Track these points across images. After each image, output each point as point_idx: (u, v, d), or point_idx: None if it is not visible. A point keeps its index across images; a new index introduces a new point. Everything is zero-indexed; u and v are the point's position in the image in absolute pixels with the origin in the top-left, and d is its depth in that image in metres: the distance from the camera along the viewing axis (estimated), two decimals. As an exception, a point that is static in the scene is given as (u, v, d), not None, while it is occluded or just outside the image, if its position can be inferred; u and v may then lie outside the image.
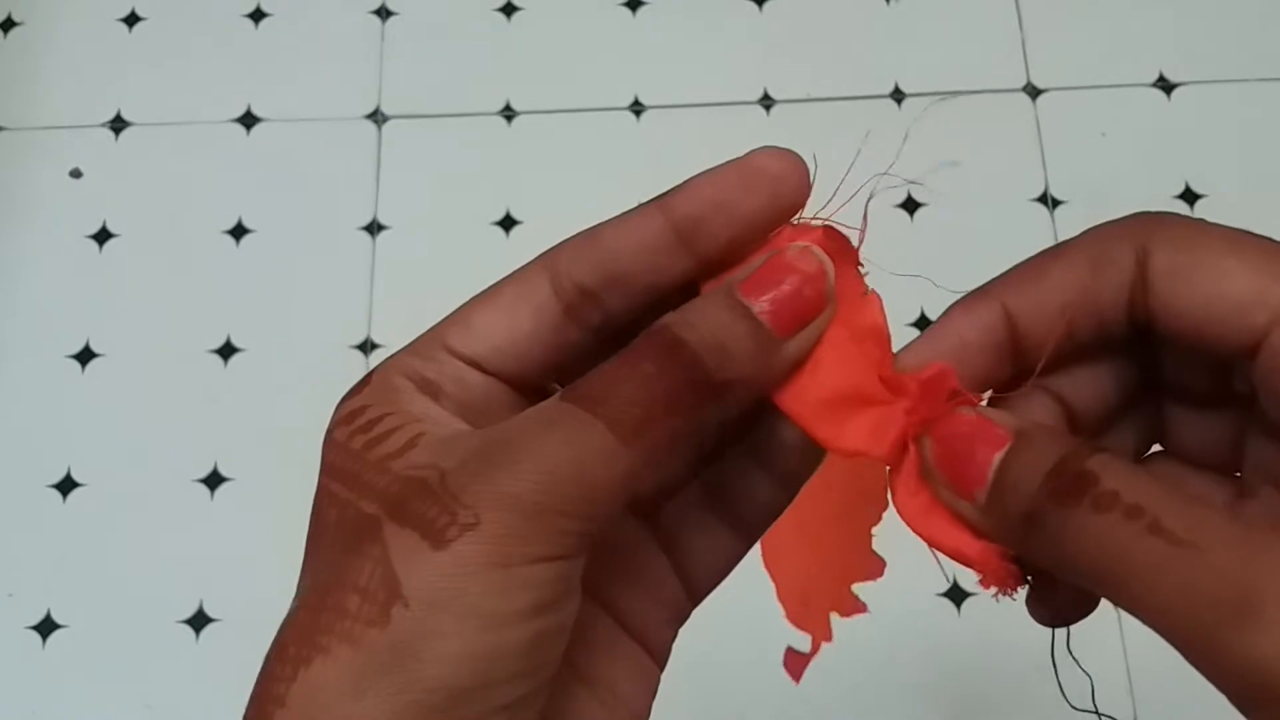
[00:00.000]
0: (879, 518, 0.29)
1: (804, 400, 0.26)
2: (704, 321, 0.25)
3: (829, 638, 0.31)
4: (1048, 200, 0.87)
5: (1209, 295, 0.25)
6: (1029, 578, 0.27)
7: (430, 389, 0.27)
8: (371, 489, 0.25)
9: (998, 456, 0.25)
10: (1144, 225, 0.27)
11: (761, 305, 0.25)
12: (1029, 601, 0.27)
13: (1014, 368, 0.27)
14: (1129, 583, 0.23)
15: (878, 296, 0.27)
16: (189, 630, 0.78)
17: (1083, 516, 0.23)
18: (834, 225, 0.27)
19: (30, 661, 0.78)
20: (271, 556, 0.83)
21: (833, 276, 0.26)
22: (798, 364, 0.26)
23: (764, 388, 0.26)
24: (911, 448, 0.26)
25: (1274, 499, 0.26)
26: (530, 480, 0.23)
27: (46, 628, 0.78)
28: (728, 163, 0.26)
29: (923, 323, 0.82)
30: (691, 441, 0.25)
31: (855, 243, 0.27)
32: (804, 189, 0.26)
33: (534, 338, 0.27)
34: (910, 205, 0.88)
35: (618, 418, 0.24)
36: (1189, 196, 0.87)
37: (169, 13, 0.96)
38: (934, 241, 0.86)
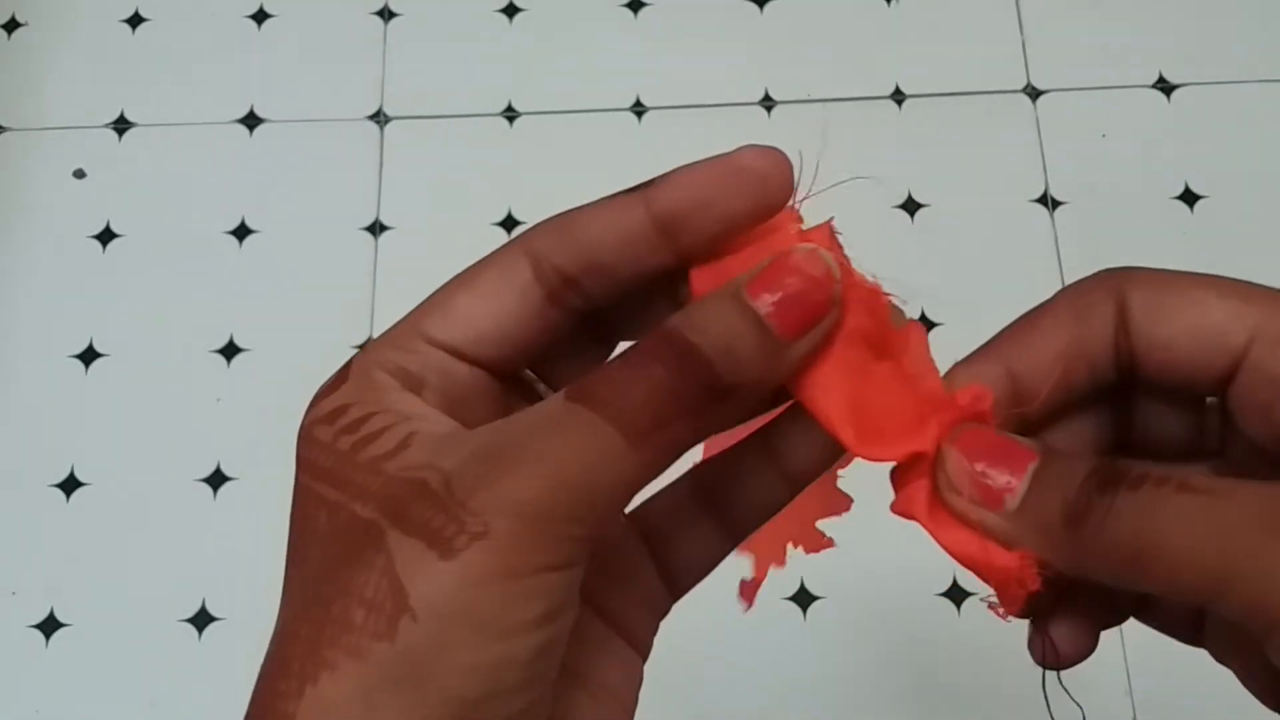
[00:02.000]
0: (845, 463, 0.29)
1: (832, 404, 0.26)
2: (712, 325, 0.25)
3: (781, 563, 0.31)
4: (1048, 201, 0.87)
5: (1188, 325, 0.26)
6: (1031, 617, 0.28)
7: (413, 382, 0.26)
8: (365, 492, 0.24)
9: (1031, 466, 0.26)
10: (1116, 276, 0.28)
11: (767, 308, 0.25)
12: (1031, 642, 0.28)
13: (1016, 422, 0.28)
14: (1164, 540, 0.24)
15: (919, 327, 0.27)
16: (192, 629, 0.78)
17: (1122, 497, 0.24)
18: (833, 228, 0.27)
19: (33, 660, 0.78)
20: (274, 556, 0.83)
21: (839, 280, 0.26)
22: (802, 366, 0.26)
23: (768, 390, 0.26)
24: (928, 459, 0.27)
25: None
26: (538, 486, 0.23)
27: (49, 626, 0.79)
28: (713, 159, 0.26)
29: (923, 323, 0.82)
30: (696, 444, 0.25)
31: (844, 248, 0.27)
32: (788, 188, 0.26)
33: (517, 323, 0.27)
34: (910, 206, 0.88)
35: (628, 421, 0.23)
36: (1189, 197, 0.87)
37: (172, 14, 0.96)
38: (934, 242, 0.87)
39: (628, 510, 0.30)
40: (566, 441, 0.23)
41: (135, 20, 0.96)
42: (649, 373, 0.24)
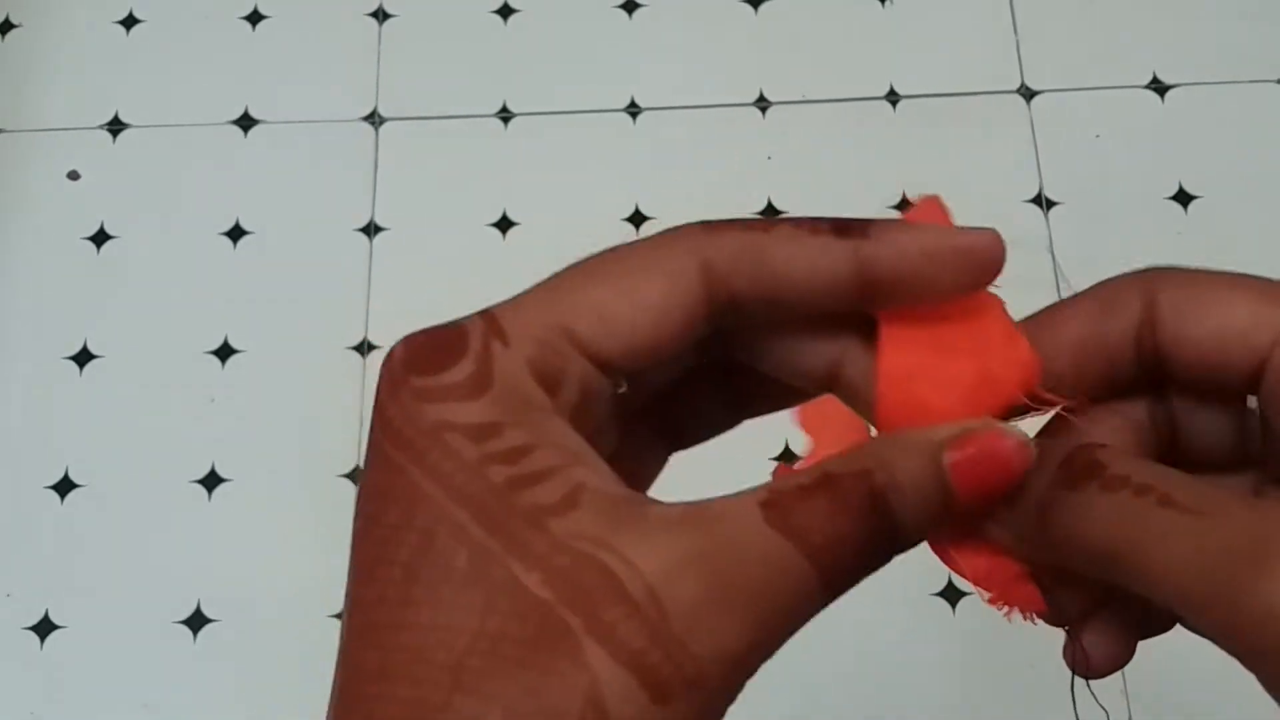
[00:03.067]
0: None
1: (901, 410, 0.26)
2: (911, 485, 0.24)
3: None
4: (1042, 201, 0.87)
5: (1216, 323, 0.26)
6: (1067, 628, 0.28)
7: (561, 400, 0.23)
8: (530, 554, 0.21)
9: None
10: (1148, 274, 0.27)
11: (959, 475, 0.24)
12: (1065, 648, 0.28)
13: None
14: (1141, 552, 0.24)
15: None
16: (186, 631, 0.78)
17: (1093, 496, 0.24)
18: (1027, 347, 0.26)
19: (28, 662, 0.78)
20: (268, 557, 0.84)
21: (1029, 466, 0.25)
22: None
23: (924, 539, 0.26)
24: None
25: None
26: (752, 635, 0.22)
27: (44, 628, 0.78)
28: (934, 231, 0.25)
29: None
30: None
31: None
32: (1000, 271, 0.25)
33: (673, 343, 0.24)
34: (904, 207, 0.88)
35: (828, 565, 0.23)
36: (1182, 198, 0.87)
37: (167, 15, 0.96)
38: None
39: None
40: (781, 588, 0.22)
41: (129, 22, 0.96)
42: (850, 515, 0.23)
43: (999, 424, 0.25)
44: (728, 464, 0.32)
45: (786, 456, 0.76)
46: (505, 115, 0.92)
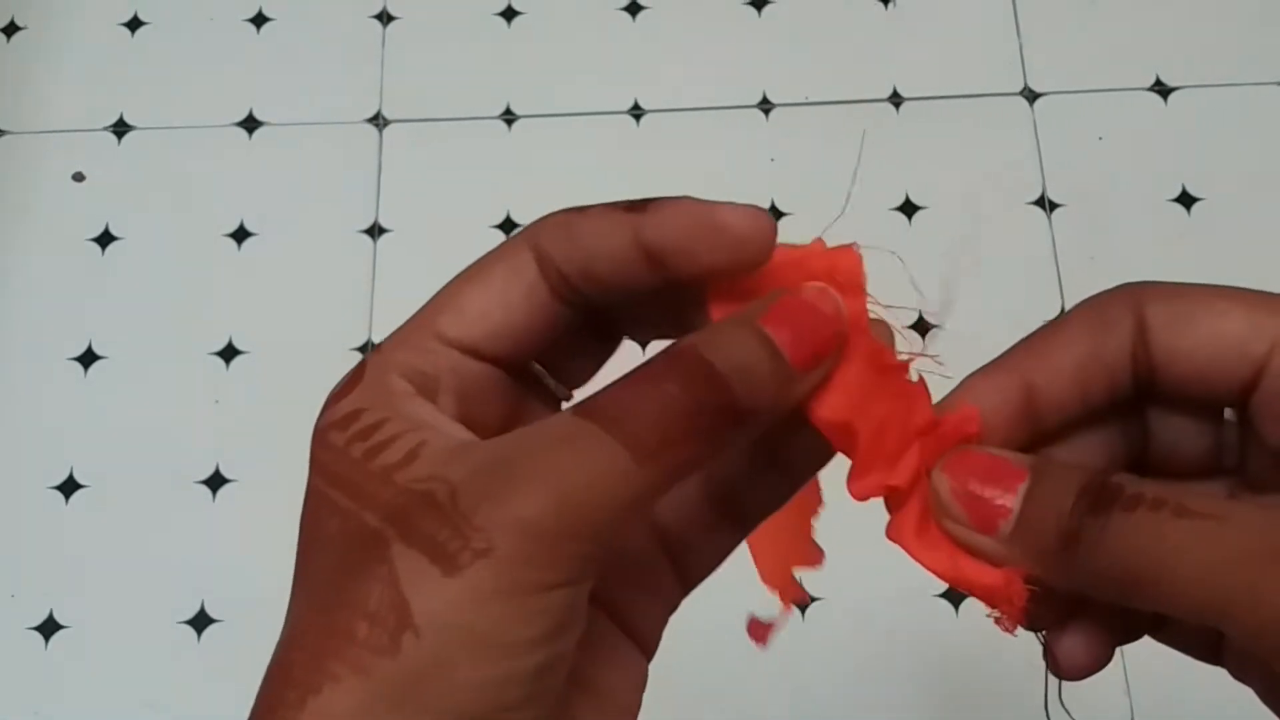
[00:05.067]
0: (816, 510, 0.29)
1: (842, 426, 0.27)
2: (731, 347, 0.25)
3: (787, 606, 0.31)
4: (1045, 204, 0.87)
5: (1208, 335, 0.27)
6: (1042, 632, 0.28)
7: (428, 385, 0.26)
8: (375, 501, 0.24)
9: (1022, 487, 0.26)
10: (1134, 290, 0.28)
11: (782, 337, 0.25)
12: (1047, 654, 0.28)
13: (1030, 434, 0.28)
14: (1163, 567, 0.24)
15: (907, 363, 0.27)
16: (190, 631, 0.78)
17: (1116, 520, 0.25)
18: (858, 253, 0.27)
19: (32, 662, 0.78)
20: (273, 558, 0.84)
21: (846, 319, 0.26)
22: (806, 399, 0.26)
23: (776, 418, 0.26)
24: (920, 484, 0.27)
25: (1265, 500, 0.28)
26: (544, 502, 0.23)
27: (48, 629, 0.79)
28: (700, 204, 0.26)
29: (920, 327, 0.83)
30: (705, 465, 0.25)
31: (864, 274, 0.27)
32: (767, 250, 0.26)
33: (527, 319, 0.27)
34: (908, 209, 0.88)
35: (637, 439, 0.23)
36: (1185, 200, 0.87)
37: (171, 18, 0.96)
38: (932, 245, 0.87)
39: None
40: (573, 458, 0.23)
41: (134, 24, 0.96)
42: (661, 391, 0.24)
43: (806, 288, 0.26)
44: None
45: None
46: (509, 117, 0.92)
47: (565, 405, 0.29)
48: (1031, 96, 0.91)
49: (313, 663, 0.23)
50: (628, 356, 0.28)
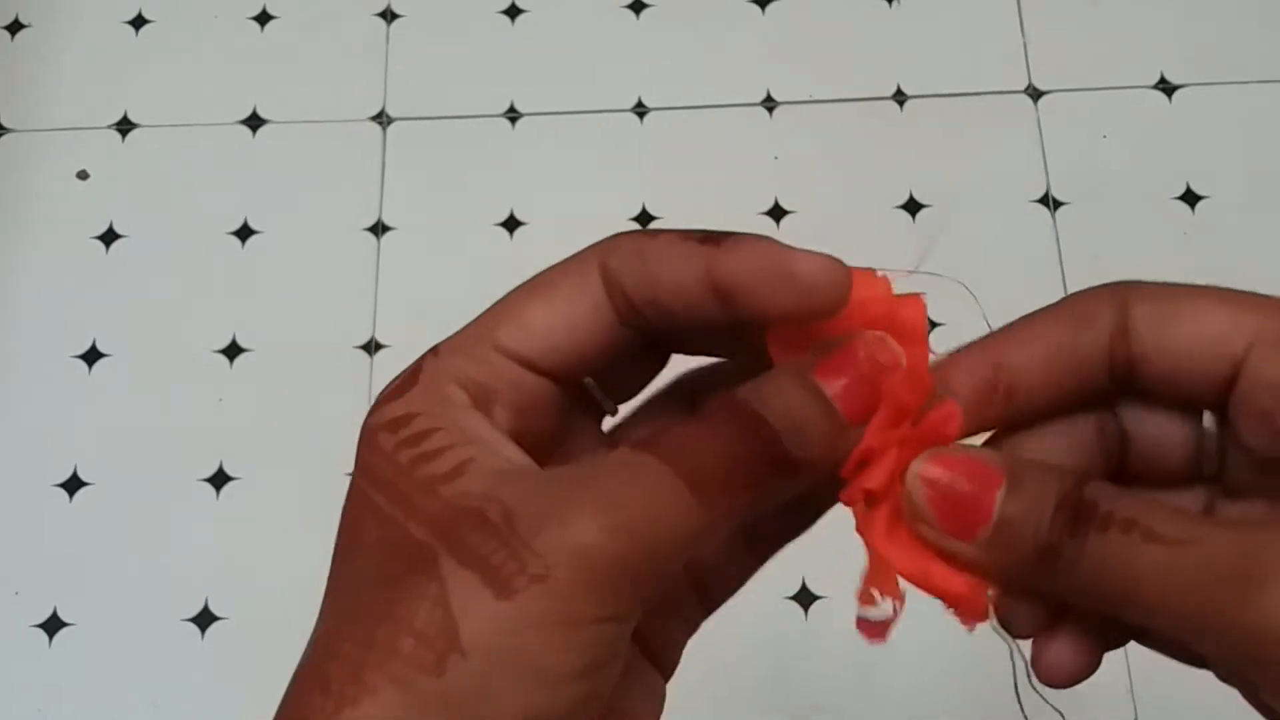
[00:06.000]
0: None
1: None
2: (781, 401, 0.25)
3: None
4: (1049, 201, 0.87)
5: (1189, 332, 0.27)
6: (1022, 634, 0.28)
7: (484, 397, 0.26)
8: (421, 513, 0.24)
9: (998, 495, 0.26)
10: (1121, 287, 0.28)
11: (836, 390, 0.25)
12: (1033, 659, 0.28)
13: (1000, 417, 0.28)
14: (1137, 589, 0.24)
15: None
16: (194, 629, 0.78)
17: (1091, 542, 0.25)
18: (920, 301, 0.27)
19: (36, 660, 0.78)
20: (276, 555, 0.84)
21: (904, 371, 0.26)
22: (854, 448, 0.26)
23: (830, 469, 0.26)
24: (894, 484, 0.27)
25: (1241, 507, 0.28)
26: (605, 532, 0.22)
27: (52, 626, 0.79)
28: (776, 247, 0.25)
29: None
30: (756, 513, 0.25)
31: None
32: (841, 299, 0.26)
33: (589, 337, 0.26)
34: (912, 207, 0.88)
35: (698, 477, 0.23)
36: (1190, 198, 0.87)
37: (176, 15, 0.96)
38: (936, 243, 0.87)
39: None
40: (636, 489, 0.23)
41: (138, 22, 0.96)
42: (721, 435, 0.24)
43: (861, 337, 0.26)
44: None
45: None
46: (513, 115, 0.92)
47: (611, 420, 0.29)
48: (1036, 94, 0.91)
49: (351, 674, 0.23)
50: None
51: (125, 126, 0.93)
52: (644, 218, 0.86)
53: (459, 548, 0.23)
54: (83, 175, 0.92)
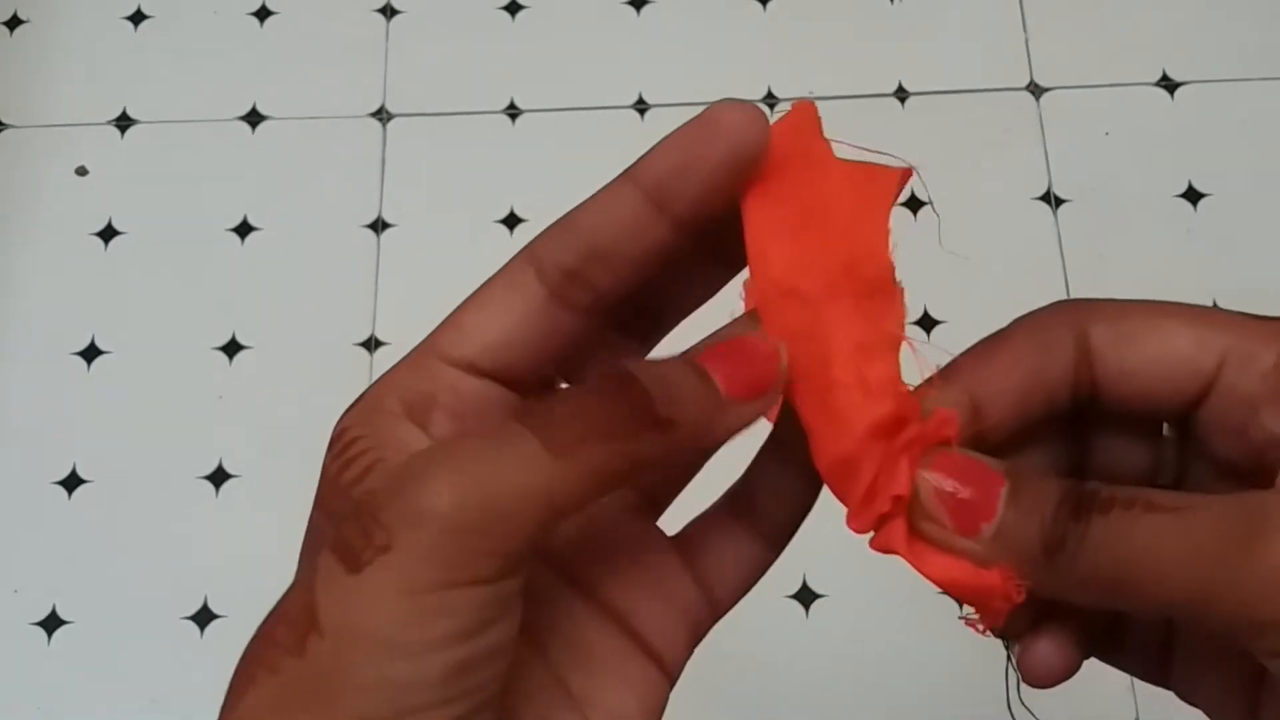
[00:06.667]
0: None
1: (813, 439, 0.27)
2: (657, 365, 0.25)
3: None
4: (1051, 199, 0.87)
5: (1154, 352, 0.27)
6: (1008, 636, 0.28)
7: (422, 406, 0.26)
8: (331, 514, 0.25)
9: (1002, 491, 0.26)
10: (1075, 307, 0.28)
11: (714, 367, 0.26)
12: (1019, 660, 0.29)
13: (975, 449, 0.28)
14: (1143, 559, 0.24)
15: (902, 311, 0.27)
16: (194, 627, 0.78)
17: (1095, 524, 0.25)
18: (897, 182, 0.28)
19: (35, 658, 0.78)
20: (276, 553, 0.84)
21: (785, 360, 0.26)
22: (741, 428, 0.26)
23: (709, 437, 0.26)
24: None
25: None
26: (447, 496, 0.22)
27: (51, 624, 0.79)
28: (686, 122, 0.27)
29: (926, 321, 0.82)
30: (631, 474, 0.24)
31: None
32: (762, 136, 0.26)
33: (524, 327, 0.27)
34: (913, 204, 0.88)
35: (554, 433, 0.23)
36: (1192, 196, 0.87)
37: (175, 11, 0.96)
38: (937, 240, 0.86)
39: (655, 516, 0.30)
40: (488, 453, 0.23)
41: (137, 17, 0.96)
42: (583, 395, 0.24)
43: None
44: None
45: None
46: (513, 112, 0.92)
47: None
48: (1038, 91, 0.91)
49: (245, 669, 0.24)
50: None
51: (124, 122, 0.93)
52: (644, 215, 0.86)
53: (335, 538, 0.23)
54: (81, 171, 0.91)
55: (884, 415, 0.26)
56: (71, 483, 0.82)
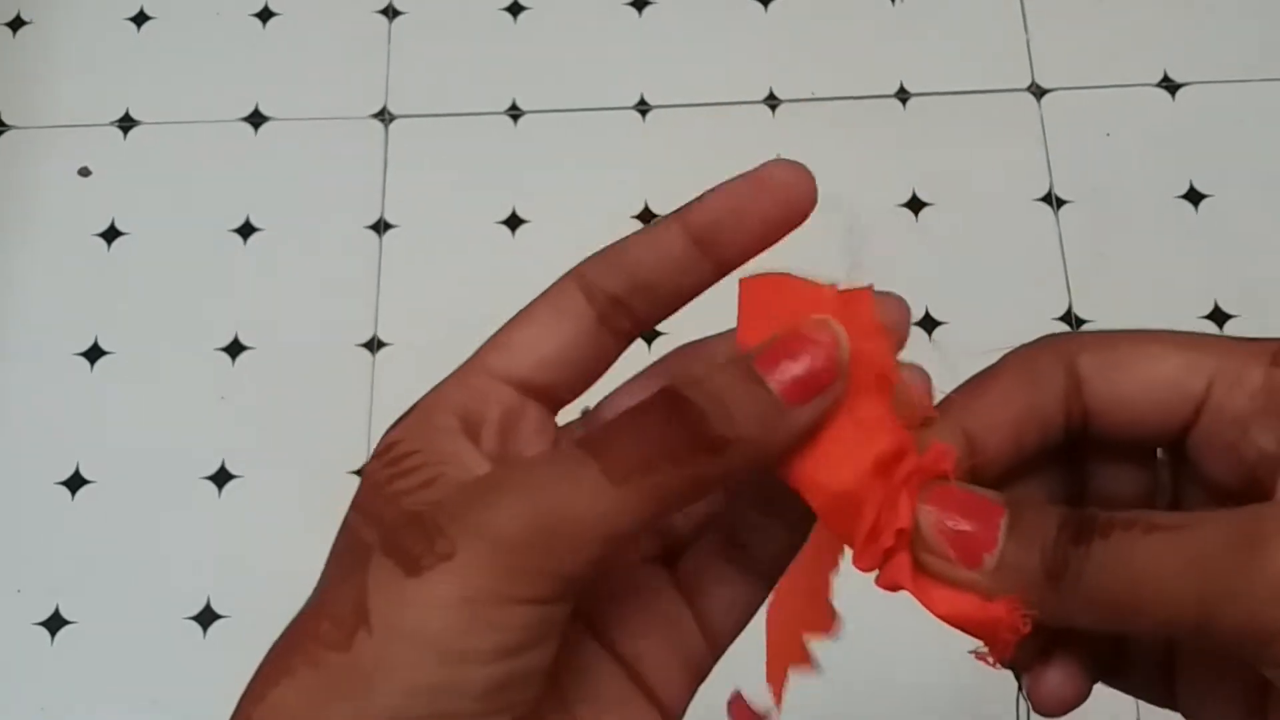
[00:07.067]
0: (836, 562, 0.29)
1: (811, 477, 0.26)
2: (710, 382, 0.25)
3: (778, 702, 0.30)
4: (1052, 200, 0.87)
5: (1144, 379, 0.27)
6: (1016, 669, 0.28)
7: (473, 422, 0.27)
8: (377, 519, 0.25)
9: (1002, 522, 0.26)
10: (1063, 340, 0.28)
11: (773, 375, 0.25)
12: (1032, 693, 0.29)
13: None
14: (1145, 578, 0.25)
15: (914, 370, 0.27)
16: (196, 627, 0.78)
17: (1097, 547, 0.25)
18: (870, 293, 0.27)
19: (38, 658, 0.78)
20: (278, 553, 0.84)
21: (846, 349, 0.26)
22: (806, 432, 0.26)
23: (767, 451, 0.25)
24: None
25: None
26: (511, 514, 0.23)
27: (55, 624, 0.79)
28: (741, 174, 0.27)
29: (928, 323, 0.82)
30: (692, 496, 0.25)
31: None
32: (811, 196, 0.27)
33: (574, 348, 0.27)
34: (915, 204, 0.88)
35: (612, 461, 0.24)
36: (1193, 196, 0.87)
37: (177, 12, 0.96)
38: (938, 241, 0.87)
39: (667, 561, 0.30)
40: (552, 478, 0.24)
41: (140, 18, 0.96)
42: (640, 420, 0.24)
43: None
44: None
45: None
46: (515, 113, 0.92)
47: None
48: (1039, 92, 0.91)
49: (279, 660, 0.24)
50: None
51: (127, 123, 0.93)
52: (646, 215, 0.86)
53: (389, 543, 0.24)
54: (84, 172, 0.91)
55: (884, 450, 0.26)
56: (74, 483, 0.82)
